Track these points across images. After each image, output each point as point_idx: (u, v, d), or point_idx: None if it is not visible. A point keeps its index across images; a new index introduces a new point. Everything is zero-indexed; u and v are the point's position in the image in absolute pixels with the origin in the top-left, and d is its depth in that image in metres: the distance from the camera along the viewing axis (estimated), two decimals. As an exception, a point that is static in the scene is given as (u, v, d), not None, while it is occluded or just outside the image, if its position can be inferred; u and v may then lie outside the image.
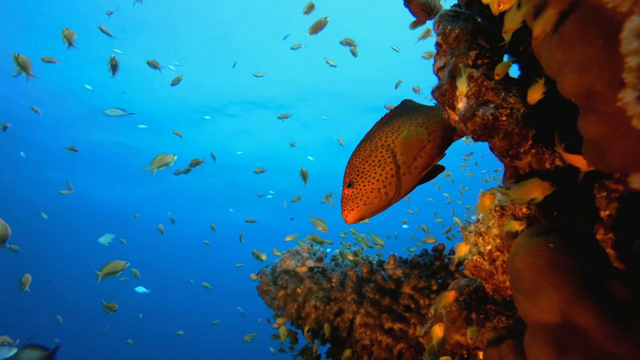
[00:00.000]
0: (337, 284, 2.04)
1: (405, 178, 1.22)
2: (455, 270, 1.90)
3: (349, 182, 1.21)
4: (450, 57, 1.36)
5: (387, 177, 1.19)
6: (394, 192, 1.19)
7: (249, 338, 4.58)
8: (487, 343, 0.86)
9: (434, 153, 1.30)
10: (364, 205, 1.16)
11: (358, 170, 1.22)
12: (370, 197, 1.17)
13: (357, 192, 1.18)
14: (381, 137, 1.28)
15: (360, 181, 1.19)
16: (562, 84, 0.69)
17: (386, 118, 1.42)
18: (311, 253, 2.24)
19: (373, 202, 1.17)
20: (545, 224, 1.04)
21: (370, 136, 1.31)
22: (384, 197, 1.18)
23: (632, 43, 0.57)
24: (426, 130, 1.29)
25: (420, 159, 1.26)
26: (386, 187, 1.18)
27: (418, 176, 1.26)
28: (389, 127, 1.32)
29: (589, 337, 0.60)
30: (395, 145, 1.24)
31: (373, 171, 1.20)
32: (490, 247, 1.10)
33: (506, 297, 1.11)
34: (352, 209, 1.17)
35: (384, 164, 1.21)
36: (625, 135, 0.63)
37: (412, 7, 1.55)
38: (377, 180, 1.18)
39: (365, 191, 1.17)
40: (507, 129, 1.21)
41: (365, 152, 1.26)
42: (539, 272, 0.68)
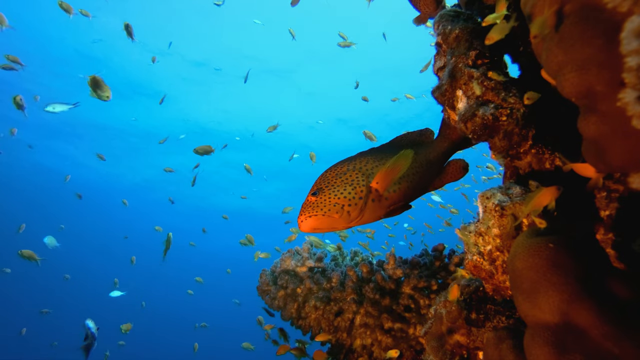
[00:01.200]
0: (337, 284, 2.04)
1: (373, 205, 1.21)
2: (455, 270, 1.90)
3: (316, 189, 1.21)
4: (450, 57, 1.36)
5: (354, 197, 1.18)
6: (356, 213, 1.18)
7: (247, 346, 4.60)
8: (487, 343, 0.86)
9: (409, 193, 1.31)
10: (323, 216, 1.14)
11: (329, 182, 1.22)
12: (331, 209, 1.15)
13: (320, 201, 1.17)
14: (362, 162, 1.29)
15: (327, 192, 1.18)
16: (562, 84, 0.69)
17: (375, 149, 1.43)
18: (311, 253, 2.24)
19: (332, 216, 1.15)
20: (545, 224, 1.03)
21: (353, 158, 1.32)
22: (345, 215, 1.16)
23: (632, 43, 0.57)
24: (409, 163, 1.29)
25: (394, 193, 1.26)
26: (351, 206, 1.17)
27: (386, 208, 1.25)
28: (375, 156, 1.32)
29: (589, 337, 0.60)
30: (374, 173, 1.25)
31: (343, 187, 1.19)
32: (490, 247, 1.10)
33: (506, 297, 1.11)
34: (310, 216, 1.15)
35: (355, 184, 1.20)
36: (625, 135, 0.63)
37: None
38: (344, 196, 1.17)
39: (329, 203, 1.16)
40: (507, 129, 1.21)
41: (342, 169, 1.26)
42: (539, 272, 0.68)
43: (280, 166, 17.48)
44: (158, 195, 19.49)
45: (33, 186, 18.32)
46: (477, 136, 1.30)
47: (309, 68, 14.43)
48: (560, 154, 1.16)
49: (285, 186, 19.15)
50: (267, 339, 2.33)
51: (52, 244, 5.34)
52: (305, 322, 2.06)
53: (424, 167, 1.38)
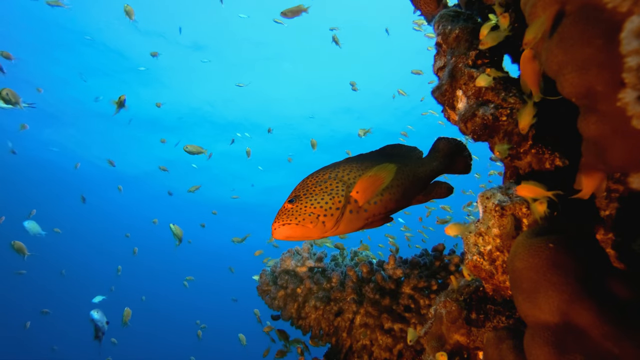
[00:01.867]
0: (337, 284, 2.04)
1: (351, 216, 1.19)
2: (455, 270, 1.90)
3: (293, 197, 1.19)
4: (450, 57, 1.36)
5: (331, 207, 1.15)
6: (332, 224, 1.15)
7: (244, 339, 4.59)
8: (487, 343, 0.86)
9: (390, 206, 1.27)
10: (296, 225, 1.12)
11: (307, 189, 1.19)
12: (306, 219, 1.13)
13: (296, 209, 1.15)
14: (345, 170, 1.26)
15: (304, 200, 1.16)
16: (562, 84, 0.69)
17: (363, 156, 1.41)
18: (311, 253, 2.24)
19: (306, 226, 1.13)
20: (545, 224, 1.04)
21: (337, 165, 1.29)
22: (319, 225, 1.14)
23: (632, 43, 0.57)
24: (393, 175, 1.26)
25: (374, 205, 1.23)
26: (326, 216, 1.14)
27: (364, 220, 1.23)
28: (360, 165, 1.30)
29: (589, 337, 0.60)
30: (355, 182, 1.22)
31: (321, 197, 1.17)
32: (490, 247, 1.10)
33: (506, 297, 1.11)
34: (284, 224, 1.13)
35: (334, 194, 1.17)
36: (625, 135, 0.63)
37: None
38: (320, 206, 1.15)
39: (304, 212, 1.14)
40: (507, 129, 1.21)
41: (323, 176, 1.23)
42: (539, 272, 0.68)
43: (278, 155, 17.26)
44: (155, 187, 19.29)
45: (28, 180, 18.06)
46: (477, 136, 1.30)
47: (308, 54, 14.33)
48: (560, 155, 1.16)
49: (285, 175, 18.84)
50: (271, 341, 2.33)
51: (35, 231, 4.96)
52: (305, 322, 2.06)
53: (409, 181, 1.36)
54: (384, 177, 1.19)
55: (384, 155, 1.44)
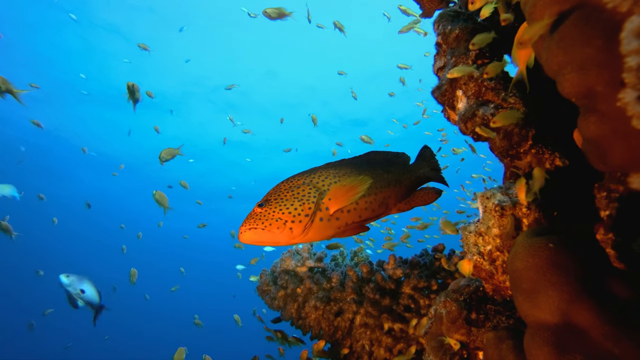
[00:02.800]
0: (337, 284, 2.04)
1: (320, 224, 1.16)
2: (455, 270, 1.90)
3: (264, 200, 1.17)
4: (450, 57, 1.36)
5: (300, 214, 1.13)
6: (299, 230, 1.13)
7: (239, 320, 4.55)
8: (487, 343, 0.86)
9: (364, 214, 1.23)
10: (262, 230, 1.11)
11: (279, 194, 1.17)
12: (272, 224, 1.11)
13: (264, 213, 1.13)
14: (321, 176, 1.23)
15: (274, 205, 1.14)
16: (562, 84, 0.69)
17: (344, 161, 1.37)
18: (311, 253, 2.24)
19: (273, 231, 1.11)
20: (545, 224, 1.04)
21: (314, 171, 1.27)
22: (286, 231, 1.12)
23: (632, 43, 0.57)
24: (369, 184, 1.23)
25: (348, 213, 1.20)
26: (294, 222, 1.12)
27: (336, 229, 1.19)
28: (337, 170, 1.27)
29: (589, 337, 0.60)
30: (329, 189, 1.19)
31: (290, 202, 1.14)
32: (490, 247, 1.10)
33: (506, 297, 1.11)
34: (250, 228, 1.11)
35: (305, 200, 1.15)
36: (625, 135, 0.63)
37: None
38: (289, 212, 1.13)
39: (272, 217, 1.12)
40: (507, 129, 1.21)
41: (298, 181, 1.21)
42: (538, 272, 0.68)
43: (278, 141, 16.86)
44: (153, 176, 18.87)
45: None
46: (477, 136, 1.30)
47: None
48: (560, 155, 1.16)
49: (287, 161, 18.40)
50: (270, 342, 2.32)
51: (6, 192, 4.53)
52: (305, 322, 2.06)
53: (390, 188, 1.32)
54: (358, 188, 1.16)
55: (366, 162, 1.40)
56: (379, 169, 1.35)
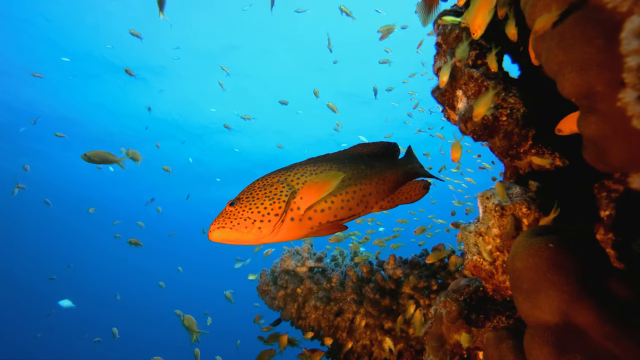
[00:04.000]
0: (337, 284, 2.04)
1: (291, 224, 1.13)
2: (455, 270, 1.90)
3: (236, 198, 1.15)
4: (450, 57, 1.36)
5: (269, 213, 1.11)
6: (269, 230, 1.11)
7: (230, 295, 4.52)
8: (487, 343, 0.86)
9: (340, 213, 1.19)
10: (230, 229, 1.09)
11: (252, 193, 1.15)
12: (241, 223, 1.09)
13: (234, 212, 1.11)
14: (297, 173, 1.20)
15: (244, 204, 1.12)
16: (562, 84, 0.69)
17: (327, 157, 1.33)
18: (311, 253, 2.24)
19: (240, 231, 1.09)
20: (545, 224, 1.04)
21: (291, 168, 1.23)
22: (255, 231, 1.10)
23: (632, 43, 0.57)
24: (343, 187, 1.20)
25: (321, 212, 1.15)
26: (263, 222, 1.10)
27: (308, 228, 1.16)
28: (315, 167, 1.23)
29: (589, 337, 0.60)
30: (302, 187, 1.16)
31: (261, 201, 1.12)
32: (490, 247, 1.10)
33: (506, 297, 1.11)
34: (219, 227, 1.09)
35: (276, 199, 1.12)
36: (625, 135, 0.63)
37: None
38: (258, 211, 1.11)
39: (240, 216, 1.10)
40: (507, 129, 1.21)
41: (273, 179, 1.19)
42: (538, 272, 0.68)
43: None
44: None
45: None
46: (477, 136, 1.30)
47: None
48: (560, 155, 1.16)
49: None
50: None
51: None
52: (305, 322, 2.06)
53: (372, 184, 1.27)
54: (328, 184, 1.12)
55: (350, 157, 1.35)
56: (362, 164, 1.30)
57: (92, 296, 22.73)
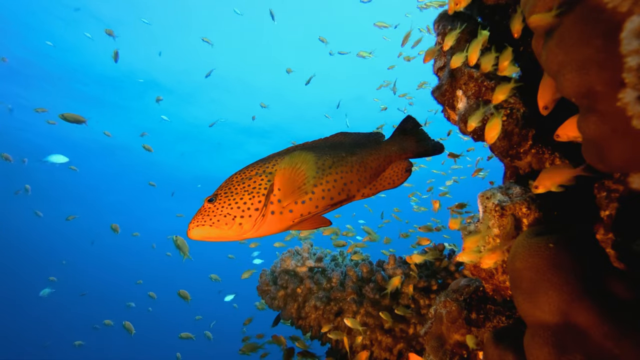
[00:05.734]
0: (337, 284, 2.04)
1: (272, 217, 1.10)
2: (455, 270, 1.90)
3: (214, 195, 1.11)
4: (450, 57, 1.36)
5: (249, 208, 1.08)
6: (250, 226, 1.08)
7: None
8: (487, 343, 0.86)
9: (322, 204, 1.15)
10: (210, 227, 1.06)
11: (230, 188, 1.12)
12: (220, 220, 1.06)
13: (213, 209, 1.08)
14: (276, 165, 1.16)
15: (223, 200, 1.09)
16: (562, 84, 0.69)
17: (304, 145, 1.29)
18: (311, 253, 2.24)
19: (221, 228, 1.07)
20: (545, 224, 1.04)
21: (270, 159, 1.19)
22: (236, 227, 1.07)
23: (632, 43, 0.57)
24: (324, 177, 1.16)
25: (302, 204, 1.12)
26: (243, 217, 1.07)
27: (289, 221, 1.13)
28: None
29: (589, 337, 0.60)
30: (275, 176, 1.12)
31: (240, 196, 1.09)
32: (490, 247, 1.10)
33: (506, 297, 1.11)
34: (198, 225, 1.07)
35: (255, 193, 1.09)
36: (625, 135, 0.63)
37: None
38: (238, 207, 1.07)
39: (220, 213, 1.07)
40: (507, 129, 1.21)
41: (252, 172, 1.15)
42: (538, 272, 0.68)
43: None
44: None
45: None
46: (477, 136, 1.30)
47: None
48: (560, 155, 1.16)
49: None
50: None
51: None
52: (306, 322, 2.06)
53: (353, 172, 1.23)
54: (301, 168, 1.08)
55: (330, 145, 1.31)
56: (342, 152, 1.26)
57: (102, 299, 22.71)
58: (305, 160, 1.09)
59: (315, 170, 1.13)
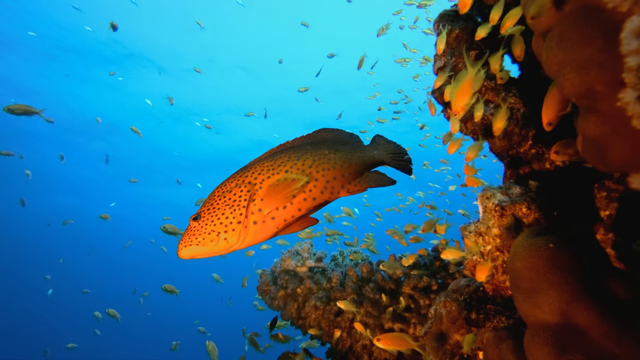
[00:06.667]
0: (337, 284, 2.04)
1: (255, 227, 1.11)
2: (455, 270, 1.90)
3: (198, 213, 1.13)
4: (450, 57, 1.36)
5: (232, 222, 1.09)
6: (235, 240, 1.10)
7: None
8: (487, 343, 0.86)
9: (304, 205, 1.15)
10: (197, 246, 1.08)
11: (212, 204, 1.13)
12: (206, 238, 1.08)
13: (198, 227, 1.10)
14: (255, 172, 1.16)
15: (207, 217, 1.11)
16: (562, 84, 0.69)
17: (284, 147, 1.28)
18: (311, 253, 2.24)
19: (208, 245, 1.08)
20: (545, 224, 1.04)
21: (248, 167, 1.19)
22: (222, 242, 1.09)
23: (632, 43, 0.57)
24: (307, 178, 1.15)
25: (283, 209, 1.12)
26: (227, 232, 1.09)
27: (274, 228, 1.13)
28: (273, 161, 1.18)
29: (589, 336, 0.60)
30: (262, 187, 1.13)
31: (222, 211, 1.11)
32: (490, 247, 1.10)
33: (506, 297, 1.11)
34: (186, 245, 1.09)
35: (236, 206, 1.10)
36: (625, 135, 0.63)
37: None
38: (220, 222, 1.09)
39: (205, 231, 1.09)
40: (507, 129, 1.21)
41: (231, 184, 1.16)
42: (539, 272, 0.68)
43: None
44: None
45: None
46: (477, 136, 1.30)
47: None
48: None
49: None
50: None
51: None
52: (305, 322, 2.06)
53: (336, 168, 1.22)
54: (290, 187, 1.10)
55: (311, 142, 1.30)
56: (325, 149, 1.24)
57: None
58: (298, 181, 1.11)
59: (295, 175, 1.13)
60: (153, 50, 13.20)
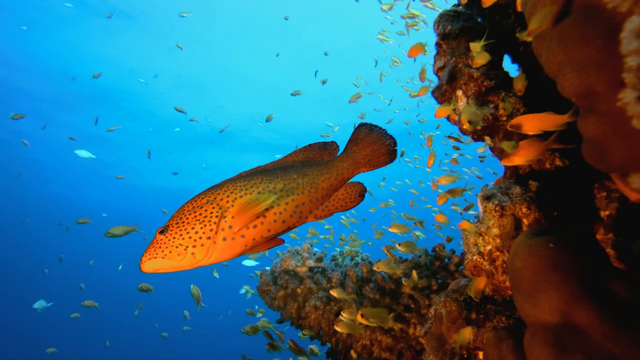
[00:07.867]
0: (337, 284, 2.04)
1: (224, 244, 1.11)
2: (455, 270, 1.90)
3: (165, 226, 1.12)
4: (450, 57, 1.36)
5: (201, 237, 1.09)
6: (203, 255, 1.09)
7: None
8: (487, 343, 0.86)
9: (274, 227, 1.17)
10: (162, 259, 1.07)
11: (181, 218, 1.13)
12: (173, 252, 1.08)
13: (165, 241, 1.09)
14: (227, 191, 1.17)
15: (174, 231, 1.10)
16: (562, 84, 0.69)
17: (258, 170, 1.30)
18: (311, 253, 2.24)
19: (173, 259, 1.08)
20: (545, 224, 1.04)
21: (221, 186, 1.21)
22: (189, 257, 1.08)
23: (632, 43, 0.57)
24: (276, 199, 1.18)
25: (253, 229, 1.14)
26: (195, 247, 1.09)
27: (241, 247, 1.14)
28: (245, 182, 1.20)
29: (589, 336, 0.60)
30: (233, 205, 1.14)
31: (191, 226, 1.10)
32: (490, 247, 1.10)
33: (506, 297, 1.11)
34: (150, 257, 1.07)
35: (207, 222, 1.11)
36: (625, 135, 0.62)
37: None
38: (189, 237, 1.09)
39: (172, 244, 1.08)
40: (508, 129, 1.21)
41: (202, 200, 1.16)
42: (538, 272, 0.68)
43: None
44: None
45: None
46: (477, 136, 1.30)
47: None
48: (560, 155, 1.16)
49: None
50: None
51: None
52: (305, 322, 2.06)
53: (304, 194, 1.24)
54: (260, 205, 1.12)
55: (282, 167, 1.32)
56: (294, 174, 1.27)
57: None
58: (267, 199, 1.13)
59: (267, 195, 1.15)
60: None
